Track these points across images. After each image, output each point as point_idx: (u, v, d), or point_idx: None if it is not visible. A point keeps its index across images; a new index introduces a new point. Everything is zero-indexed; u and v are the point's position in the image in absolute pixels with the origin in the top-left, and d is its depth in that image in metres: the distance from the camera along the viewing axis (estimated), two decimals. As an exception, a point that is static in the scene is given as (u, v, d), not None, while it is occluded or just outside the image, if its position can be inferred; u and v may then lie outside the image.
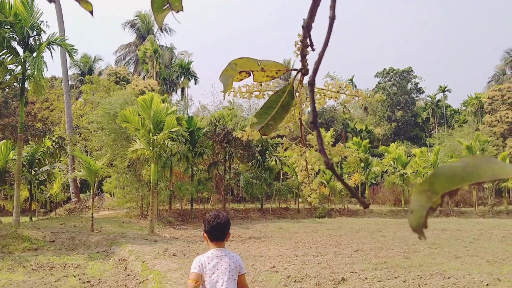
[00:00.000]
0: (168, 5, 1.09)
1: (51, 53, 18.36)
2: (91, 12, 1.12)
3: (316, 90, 1.86)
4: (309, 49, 1.17)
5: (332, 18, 1.02)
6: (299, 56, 1.23)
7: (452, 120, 66.73)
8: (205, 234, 3.74)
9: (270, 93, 1.65)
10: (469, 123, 58.08)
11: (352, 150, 38.89)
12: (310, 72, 1.11)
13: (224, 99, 1.64)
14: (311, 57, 1.13)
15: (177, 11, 1.11)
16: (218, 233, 3.68)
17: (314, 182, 1.92)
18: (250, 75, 1.34)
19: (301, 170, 1.96)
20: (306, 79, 1.17)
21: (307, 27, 1.11)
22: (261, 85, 1.66)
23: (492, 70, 66.50)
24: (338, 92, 1.86)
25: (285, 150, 2.08)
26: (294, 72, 1.32)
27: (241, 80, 1.36)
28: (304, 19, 1.11)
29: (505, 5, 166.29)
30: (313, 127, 1.02)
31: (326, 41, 1.04)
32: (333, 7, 1.02)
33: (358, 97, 1.91)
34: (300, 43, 1.20)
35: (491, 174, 0.62)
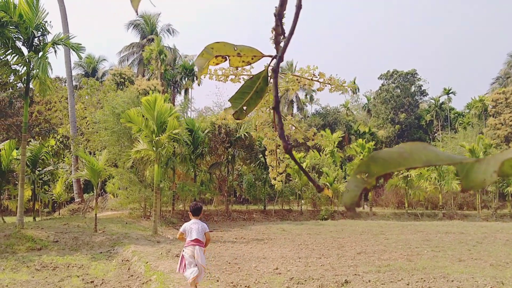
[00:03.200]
0: None
1: (55, 52, 18.39)
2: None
3: (290, 77, 1.88)
4: (282, 36, 1.18)
5: (298, 7, 1.05)
6: (273, 43, 1.24)
7: (456, 123, 66.56)
8: (189, 212, 7.93)
9: (246, 77, 1.66)
10: (473, 126, 57.93)
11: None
12: (276, 59, 1.13)
13: (199, 83, 1.64)
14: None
15: None
16: (195, 212, 7.85)
17: (281, 165, 1.93)
18: (226, 59, 1.35)
19: (271, 153, 1.98)
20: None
21: (278, 15, 1.13)
22: (236, 69, 1.67)
23: (496, 73, 66.34)
24: (311, 79, 1.87)
25: (257, 132, 2.10)
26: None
27: (217, 64, 1.37)
28: (276, 7, 1.12)
29: (510, 8, 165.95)
30: (275, 112, 1.04)
31: (292, 30, 1.07)
32: None
33: (331, 84, 1.93)
34: (274, 30, 1.21)
35: (426, 160, 0.65)
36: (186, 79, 54.74)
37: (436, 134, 67.92)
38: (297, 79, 1.85)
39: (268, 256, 13.32)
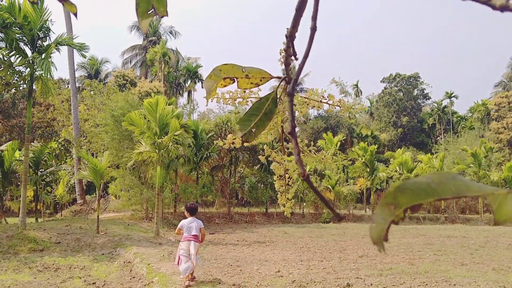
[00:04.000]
0: (152, 9, 1.09)
1: (59, 51, 18.44)
2: (75, 14, 1.13)
3: (299, 98, 1.86)
4: (292, 58, 1.16)
5: (313, 29, 1.02)
6: (283, 65, 1.23)
7: (458, 127, 66.49)
8: (185, 211, 9.32)
9: (254, 100, 1.64)
10: (475, 130, 57.86)
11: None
12: (291, 82, 1.10)
13: (207, 105, 1.63)
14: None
15: (162, 16, 1.11)
16: (191, 211, 9.15)
17: (290, 191, 1.90)
18: (234, 81, 1.34)
19: (279, 178, 1.95)
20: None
21: (290, 36, 1.11)
22: (244, 91, 1.65)
23: (499, 77, 66.27)
24: (320, 101, 1.84)
25: (266, 158, 2.07)
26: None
27: (225, 86, 1.35)
28: (287, 29, 1.11)
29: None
30: (291, 137, 1.00)
31: (306, 52, 1.04)
32: (314, 18, 1.02)
33: (340, 107, 1.90)
34: (284, 51, 1.20)
35: (455, 191, 0.62)
36: (189, 81, 54.84)
37: (438, 138, 67.85)
38: (305, 102, 1.84)
39: (270, 259, 13.31)
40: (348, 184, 39.63)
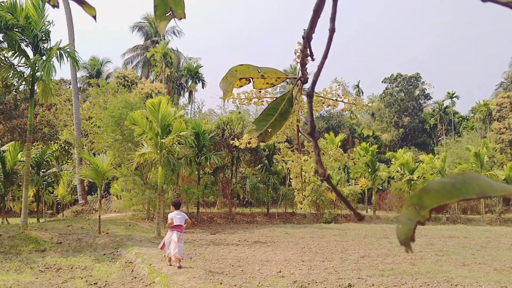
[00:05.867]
0: (170, 12, 1.08)
1: (60, 58, 18.44)
2: (94, 17, 1.13)
3: (314, 98, 1.86)
4: (309, 58, 1.16)
5: (332, 31, 1.02)
6: (299, 65, 1.23)
7: (460, 127, 66.42)
8: (171, 206, 11.71)
9: (269, 100, 1.65)
10: (476, 130, 57.77)
11: (359, 156, 38.85)
12: (309, 83, 1.10)
13: (223, 105, 1.63)
14: (313, 66, 1.12)
15: (180, 19, 1.10)
16: (176, 205, 11.49)
17: (307, 189, 1.91)
18: (250, 82, 1.35)
19: (296, 177, 1.95)
20: (306, 87, 1.17)
21: (307, 37, 1.11)
22: (260, 92, 1.66)
23: (501, 77, 66.18)
24: (336, 100, 1.85)
25: (282, 157, 2.08)
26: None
27: (241, 86, 1.36)
28: (304, 30, 1.10)
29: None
30: (311, 138, 1.01)
31: (325, 53, 1.04)
32: (333, 19, 1.01)
33: (355, 105, 1.90)
34: (300, 51, 1.20)
35: (479, 191, 0.62)
36: (190, 81, 54.83)
37: (440, 138, 67.79)
38: (321, 100, 1.84)
39: (271, 259, 13.31)
40: (349, 184, 39.62)
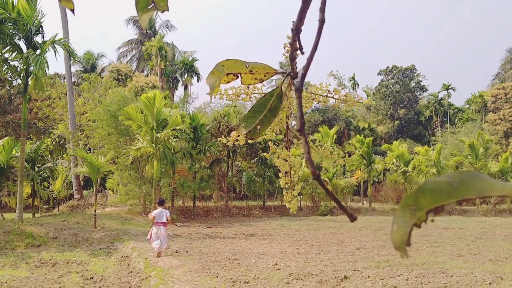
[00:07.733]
0: (153, 4, 1.05)
1: (55, 52, 18.31)
2: (73, 11, 1.10)
3: (304, 94, 1.81)
4: (298, 52, 1.13)
5: (322, 21, 0.98)
6: (288, 59, 1.19)
7: (455, 119, 66.58)
8: (156, 204, 13.99)
9: (258, 96, 1.61)
10: (472, 121, 57.92)
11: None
12: (299, 77, 1.06)
13: (211, 102, 1.60)
14: (303, 60, 1.08)
15: (163, 11, 1.07)
16: (160, 203, 12.74)
17: (296, 188, 1.86)
18: (237, 77, 1.31)
19: (285, 175, 1.91)
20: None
21: (296, 29, 1.06)
22: (248, 87, 1.61)
23: (496, 69, 66.29)
24: (326, 96, 1.81)
25: (271, 154, 2.03)
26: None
27: (228, 82, 1.32)
28: (293, 22, 1.06)
29: (509, 5, 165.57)
30: (300, 135, 0.95)
31: (315, 45, 1.00)
32: (322, 9, 0.97)
33: (346, 101, 1.87)
34: (289, 45, 1.16)
35: (479, 190, 0.59)
36: (186, 75, 54.68)
37: (435, 130, 67.95)
38: (311, 97, 1.79)
39: (267, 252, 13.34)
40: (345, 177, 39.67)
